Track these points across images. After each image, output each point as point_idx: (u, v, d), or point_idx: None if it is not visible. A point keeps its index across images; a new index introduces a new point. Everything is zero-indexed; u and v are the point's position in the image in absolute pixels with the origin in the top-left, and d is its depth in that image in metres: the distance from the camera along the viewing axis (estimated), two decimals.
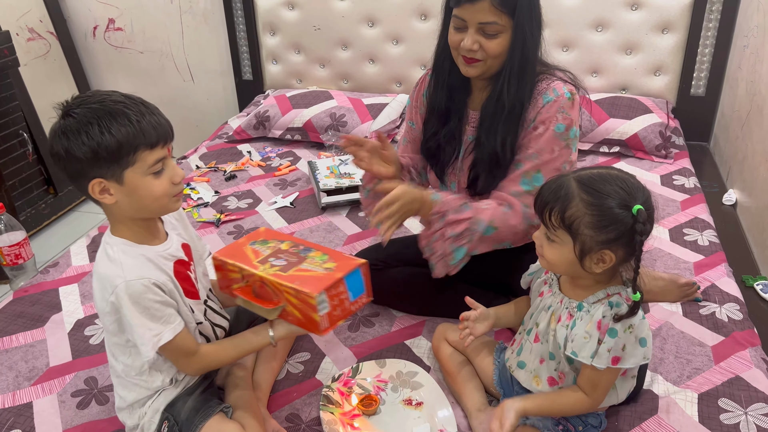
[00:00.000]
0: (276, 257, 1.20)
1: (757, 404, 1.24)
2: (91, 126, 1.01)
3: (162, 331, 1.08)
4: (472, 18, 1.29)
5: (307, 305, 1.09)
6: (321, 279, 1.11)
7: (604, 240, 1.00)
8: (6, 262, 1.99)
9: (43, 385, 1.38)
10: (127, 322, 1.06)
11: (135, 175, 1.05)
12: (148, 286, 1.06)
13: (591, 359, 1.04)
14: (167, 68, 3.21)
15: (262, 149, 2.61)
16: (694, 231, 1.84)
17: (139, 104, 1.06)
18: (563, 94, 1.34)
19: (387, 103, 2.64)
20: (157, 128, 1.06)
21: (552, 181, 1.07)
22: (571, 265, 1.05)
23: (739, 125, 2.22)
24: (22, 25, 2.86)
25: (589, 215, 1.00)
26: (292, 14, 2.84)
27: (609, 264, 1.02)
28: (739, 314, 1.49)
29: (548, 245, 1.07)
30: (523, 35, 1.30)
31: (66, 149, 1.02)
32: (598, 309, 1.05)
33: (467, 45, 1.31)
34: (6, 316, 1.61)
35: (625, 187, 1.00)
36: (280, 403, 1.32)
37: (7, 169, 2.57)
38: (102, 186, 1.05)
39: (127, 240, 1.11)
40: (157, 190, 1.07)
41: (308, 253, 1.20)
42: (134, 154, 1.03)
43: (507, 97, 1.34)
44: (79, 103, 1.04)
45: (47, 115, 2.85)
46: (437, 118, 1.49)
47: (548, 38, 1.36)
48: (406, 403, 1.29)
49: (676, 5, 2.42)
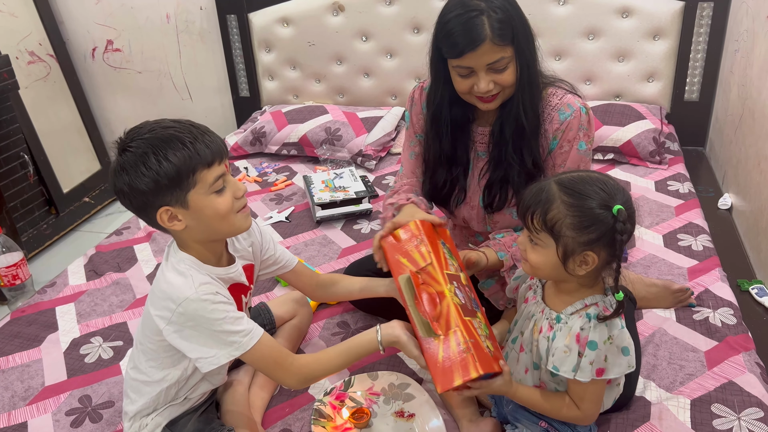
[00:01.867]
0: (456, 286, 1.15)
1: (750, 409, 1.23)
2: (147, 157, 1.02)
3: (220, 352, 1.08)
4: (479, 62, 1.27)
5: (460, 363, 1.04)
6: (485, 360, 1.05)
7: (586, 241, 1.00)
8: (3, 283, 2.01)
9: (38, 405, 1.39)
10: (192, 334, 1.07)
11: (198, 196, 1.06)
12: (213, 295, 1.07)
13: (573, 373, 1.04)
14: (165, 87, 3.25)
15: (258, 165, 2.63)
16: (688, 236, 1.84)
17: (189, 126, 1.07)
18: (579, 109, 1.36)
19: (382, 116, 2.66)
20: (211, 146, 1.07)
21: (534, 185, 1.08)
22: (554, 268, 1.05)
23: (733, 129, 2.22)
24: (22, 48, 2.90)
25: (570, 216, 1.00)
26: (287, 31, 2.87)
27: (592, 266, 1.03)
28: (733, 319, 1.48)
29: (531, 249, 1.07)
30: (527, 55, 1.31)
31: (128, 184, 1.04)
32: (576, 322, 1.05)
33: (484, 88, 1.30)
34: (3, 336, 1.62)
35: (605, 188, 1.01)
36: (273, 418, 1.32)
37: (8, 191, 2.60)
38: (169, 213, 1.07)
39: (194, 258, 1.12)
40: (222, 207, 1.08)
41: (477, 310, 1.17)
42: (193, 175, 1.05)
43: (526, 117, 1.35)
44: (132, 137, 1.05)
45: (48, 136, 2.89)
46: (445, 164, 1.48)
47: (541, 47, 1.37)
48: (398, 415, 1.29)
49: (667, 11, 2.43)
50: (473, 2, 1.25)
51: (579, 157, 1.38)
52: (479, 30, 1.23)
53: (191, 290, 1.06)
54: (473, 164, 1.48)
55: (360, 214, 2.11)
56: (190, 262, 1.11)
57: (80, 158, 3.16)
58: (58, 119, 3.04)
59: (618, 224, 0.98)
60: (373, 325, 1.56)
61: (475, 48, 1.24)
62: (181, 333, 1.08)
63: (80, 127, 3.21)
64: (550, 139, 1.39)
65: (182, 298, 1.05)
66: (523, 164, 1.39)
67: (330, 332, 1.56)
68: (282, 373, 1.14)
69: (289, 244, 1.99)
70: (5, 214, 2.56)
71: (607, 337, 1.03)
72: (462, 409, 1.27)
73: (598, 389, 1.08)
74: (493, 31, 1.23)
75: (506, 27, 1.25)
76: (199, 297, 1.05)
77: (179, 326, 1.07)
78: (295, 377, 1.15)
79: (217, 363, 1.08)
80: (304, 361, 1.16)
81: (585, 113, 1.38)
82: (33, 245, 2.71)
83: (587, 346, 1.03)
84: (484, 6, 1.24)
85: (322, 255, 1.91)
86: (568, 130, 1.37)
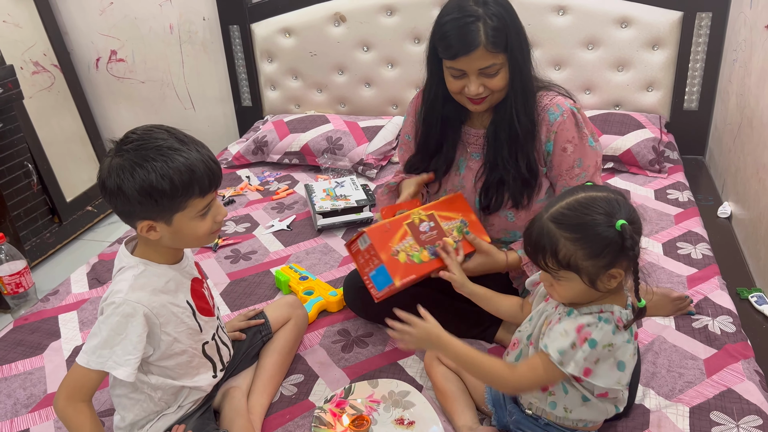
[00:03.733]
0: (428, 221, 1.41)
1: (749, 416, 1.23)
2: (146, 171, 1.02)
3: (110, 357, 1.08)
4: (471, 66, 1.31)
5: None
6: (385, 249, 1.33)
7: (606, 264, 1.01)
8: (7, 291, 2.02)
9: (40, 412, 1.40)
10: (98, 327, 1.09)
11: (184, 218, 1.09)
12: (136, 312, 1.08)
13: (559, 355, 1.02)
14: (168, 97, 3.28)
15: (260, 174, 2.65)
16: (688, 244, 1.85)
17: (194, 150, 1.07)
18: (568, 108, 1.39)
19: (383, 126, 2.68)
20: (211, 177, 1.08)
21: (529, 230, 1.07)
22: (587, 292, 1.05)
23: (732, 138, 2.24)
24: (26, 59, 2.93)
25: (580, 250, 1.00)
26: (289, 41, 2.90)
27: (620, 277, 1.03)
28: (732, 327, 1.49)
29: (558, 284, 1.07)
30: (519, 63, 1.34)
31: (119, 188, 1.04)
32: (585, 317, 1.05)
33: (474, 91, 1.34)
34: (6, 344, 1.63)
35: (601, 210, 1.00)
36: (273, 425, 1.32)
37: (12, 200, 2.61)
38: (150, 226, 1.08)
39: (148, 261, 1.14)
40: (201, 231, 1.12)
41: (428, 246, 1.39)
42: (186, 201, 1.07)
43: (520, 122, 1.38)
44: (137, 146, 1.04)
45: (51, 145, 2.92)
46: (432, 154, 1.53)
47: (541, 57, 1.40)
48: (398, 423, 1.30)
49: (665, 22, 2.45)
50: (471, 7, 1.28)
51: (595, 153, 1.42)
52: (474, 36, 1.27)
53: (120, 296, 1.08)
54: (466, 165, 1.51)
55: (361, 223, 2.12)
56: (142, 265, 1.12)
57: (83, 167, 3.18)
58: (61, 129, 3.06)
59: (627, 241, 0.98)
60: (372, 332, 1.58)
61: (469, 53, 1.28)
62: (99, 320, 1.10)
63: (83, 136, 3.24)
64: (544, 141, 1.41)
65: (114, 291, 1.09)
66: (518, 169, 1.41)
67: (330, 340, 1.57)
68: (66, 400, 1.10)
69: (291, 253, 2.00)
70: (9, 222, 2.58)
71: (608, 342, 1.02)
72: (461, 416, 1.27)
73: (549, 377, 1.06)
74: (488, 38, 1.27)
75: (500, 35, 1.28)
76: (131, 299, 1.08)
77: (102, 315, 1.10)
78: (67, 410, 1.10)
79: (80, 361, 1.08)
80: (88, 412, 1.11)
81: (577, 111, 1.40)
82: (36, 254, 2.73)
83: (587, 342, 1.02)
84: (481, 12, 1.27)
85: (323, 263, 1.92)
86: (563, 131, 1.39)
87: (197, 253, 2.03)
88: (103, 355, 1.08)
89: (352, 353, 1.52)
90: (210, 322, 1.23)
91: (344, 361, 1.49)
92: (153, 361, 1.15)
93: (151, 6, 3.04)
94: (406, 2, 2.67)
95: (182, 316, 1.15)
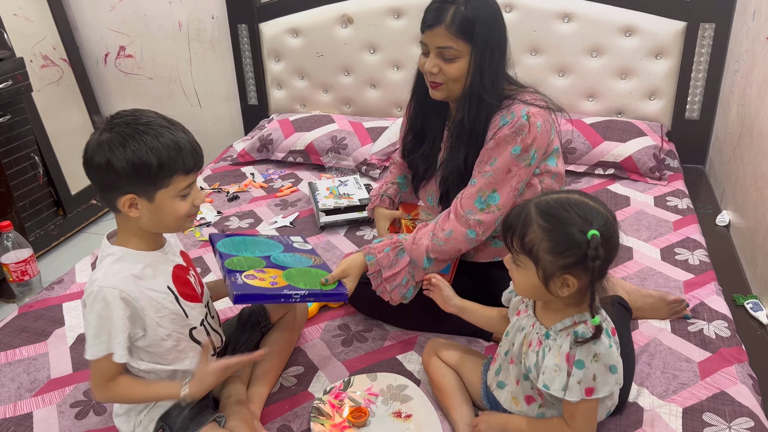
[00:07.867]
0: None
1: (740, 419, 1.25)
2: (137, 143, 1.07)
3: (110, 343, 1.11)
4: (432, 42, 1.40)
5: None
6: None
7: (563, 265, 1.01)
8: (12, 278, 2.04)
9: (43, 396, 1.42)
10: (86, 320, 1.12)
11: (166, 196, 1.12)
12: (113, 296, 1.10)
13: (563, 392, 1.05)
14: (175, 93, 3.31)
15: (265, 171, 2.67)
16: (685, 251, 1.87)
17: (181, 131, 1.12)
18: (520, 116, 1.39)
19: (387, 127, 2.70)
20: (195, 157, 1.13)
21: (516, 206, 1.10)
22: (537, 289, 1.06)
23: (732, 148, 2.26)
24: (36, 52, 2.96)
25: (546, 241, 1.02)
26: (296, 42, 2.93)
27: (573, 288, 1.03)
28: (727, 331, 1.51)
29: (515, 270, 1.09)
30: (481, 60, 1.39)
31: (108, 161, 1.07)
32: (565, 341, 1.06)
33: (428, 68, 1.43)
34: (11, 330, 1.66)
35: (582, 213, 1.01)
36: (272, 415, 1.34)
37: (18, 191, 2.64)
38: (132, 201, 1.11)
39: (128, 249, 1.16)
40: (181, 211, 1.15)
41: None
42: (171, 177, 1.11)
43: (467, 119, 1.43)
44: (127, 120, 1.10)
45: (58, 139, 2.94)
46: (414, 137, 1.56)
47: (545, 64, 1.42)
48: (396, 416, 1.32)
49: (669, 31, 2.48)
50: None
51: (510, 161, 1.39)
52: (442, 14, 1.37)
53: (98, 284, 1.10)
54: (438, 165, 1.58)
55: (363, 221, 2.15)
56: (122, 252, 1.15)
57: None
58: (68, 122, 3.09)
59: (590, 251, 0.98)
60: (372, 328, 1.61)
61: (432, 28, 1.39)
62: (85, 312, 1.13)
63: (90, 130, 3.23)
64: (488, 141, 1.44)
65: (92, 281, 1.12)
66: (457, 162, 1.47)
67: (331, 335, 1.59)
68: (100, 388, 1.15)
69: None
70: (14, 213, 2.61)
71: (593, 355, 1.04)
72: (458, 412, 1.29)
73: (590, 407, 1.09)
74: (453, 21, 1.36)
75: (467, 23, 1.36)
76: (106, 285, 1.10)
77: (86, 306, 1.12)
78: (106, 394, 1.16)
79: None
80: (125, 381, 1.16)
81: (525, 120, 1.38)
82: (40, 245, 2.75)
83: (575, 365, 1.04)
84: (461, 0, 1.36)
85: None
86: (500, 132, 1.40)
87: (201, 247, 2.05)
88: (102, 340, 1.11)
89: (352, 347, 1.54)
90: (197, 308, 1.25)
91: (344, 355, 1.51)
92: (142, 346, 1.18)
93: (161, 3, 3.07)
94: (413, 5, 2.70)
95: (163, 302, 1.17)
